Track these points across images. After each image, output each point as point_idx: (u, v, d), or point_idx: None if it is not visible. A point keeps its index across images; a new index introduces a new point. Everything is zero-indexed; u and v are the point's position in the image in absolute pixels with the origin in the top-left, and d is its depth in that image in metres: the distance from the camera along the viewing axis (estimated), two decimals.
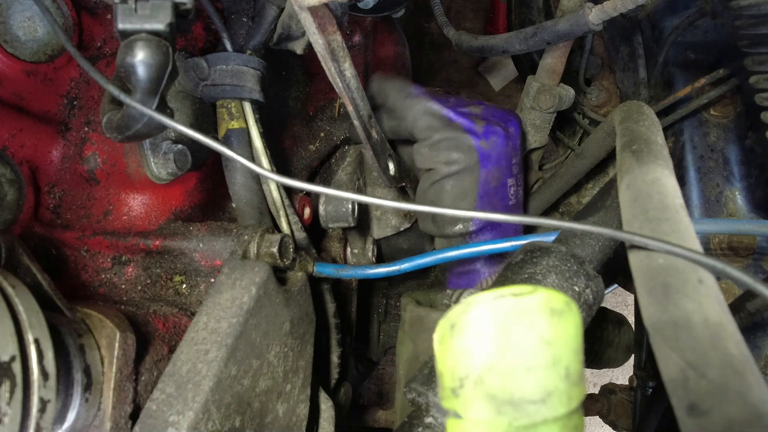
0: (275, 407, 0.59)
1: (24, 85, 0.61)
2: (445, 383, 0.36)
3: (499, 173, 0.82)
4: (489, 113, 0.85)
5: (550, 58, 0.95)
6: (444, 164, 0.80)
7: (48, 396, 0.40)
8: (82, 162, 0.65)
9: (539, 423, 0.33)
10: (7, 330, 0.38)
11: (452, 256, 0.67)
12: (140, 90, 0.47)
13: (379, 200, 0.49)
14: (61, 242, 0.64)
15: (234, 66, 0.70)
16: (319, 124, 0.99)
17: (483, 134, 0.80)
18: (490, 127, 0.81)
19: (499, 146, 0.82)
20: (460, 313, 0.35)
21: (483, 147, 0.80)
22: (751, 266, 0.97)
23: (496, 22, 2.00)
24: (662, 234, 0.41)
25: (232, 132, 0.72)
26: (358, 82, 0.63)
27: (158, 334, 0.57)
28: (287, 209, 0.77)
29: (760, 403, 0.31)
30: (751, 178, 0.99)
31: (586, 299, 0.54)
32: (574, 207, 1.22)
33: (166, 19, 0.47)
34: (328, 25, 0.54)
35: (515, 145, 0.85)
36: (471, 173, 0.80)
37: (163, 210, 0.70)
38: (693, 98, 0.98)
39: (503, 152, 0.82)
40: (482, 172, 0.80)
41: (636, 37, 1.08)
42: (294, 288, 0.63)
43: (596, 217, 0.64)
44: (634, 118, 0.59)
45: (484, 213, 0.46)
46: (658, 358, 0.35)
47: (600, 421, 1.36)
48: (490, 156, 0.81)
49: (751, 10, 0.69)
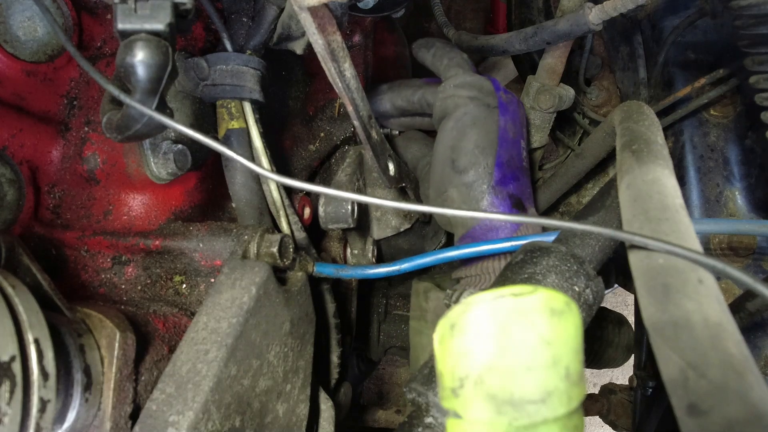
0: (275, 407, 0.59)
1: (24, 85, 0.61)
2: (445, 383, 0.36)
3: (514, 128, 0.84)
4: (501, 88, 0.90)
5: (550, 58, 0.95)
6: (468, 98, 0.82)
7: (48, 396, 0.40)
8: (82, 162, 0.65)
9: (539, 423, 0.33)
10: (7, 330, 0.38)
11: (452, 256, 0.67)
12: (140, 90, 0.47)
13: (379, 200, 0.49)
14: (61, 242, 0.64)
15: (234, 66, 0.70)
16: (319, 124, 0.99)
17: (503, 89, 0.85)
18: (507, 91, 0.86)
19: (514, 103, 0.86)
20: (460, 313, 0.35)
21: (502, 98, 0.83)
22: (751, 266, 0.97)
23: (496, 22, 2.00)
24: (662, 234, 0.41)
25: (232, 132, 0.72)
26: (358, 82, 0.63)
27: (158, 334, 0.57)
28: (287, 209, 0.77)
29: (760, 403, 0.31)
30: (751, 178, 0.99)
31: (586, 299, 0.54)
32: (574, 207, 1.22)
33: (165, 19, 0.47)
34: (328, 25, 0.54)
35: (524, 115, 0.89)
36: (491, 115, 0.81)
37: (163, 210, 0.70)
38: (693, 98, 0.98)
39: (517, 111, 0.86)
40: (501, 119, 0.82)
41: (636, 37, 1.08)
42: (294, 288, 0.63)
43: (596, 217, 0.64)
44: (634, 118, 0.59)
45: (484, 213, 0.46)
46: (658, 358, 0.35)
47: (600, 421, 1.36)
48: (508, 108, 0.83)
49: (751, 10, 0.69)
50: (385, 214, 0.96)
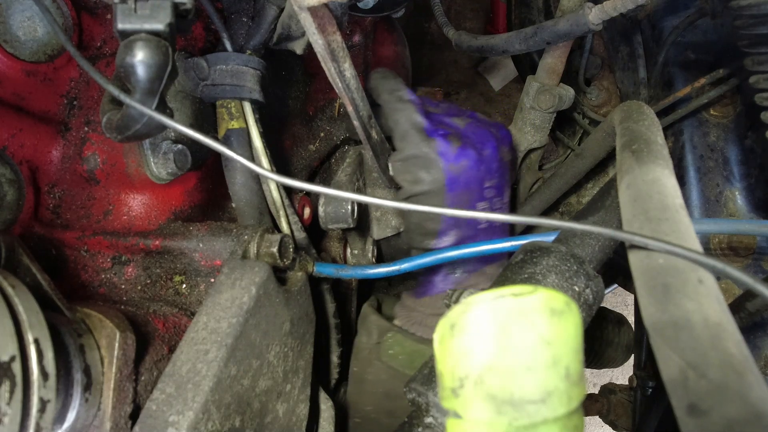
0: (275, 407, 0.59)
1: (24, 85, 0.61)
2: (445, 383, 0.36)
3: (468, 197, 0.81)
4: (471, 131, 0.83)
5: (550, 58, 0.95)
6: (411, 183, 0.79)
7: (48, 396, 0.40)
8: (82, 162, 0.65)
9: (539, 423, 0.33)
10: (7, 330, 0.38)
11: (452, 256, 0.67)
12: (140, 90, 0.47)
13: (379, 200, 0.49)
14: (61, 242, 0.64)
15: (234, 66, 0.70)
16: (319, 124, 0.99)
17: (454, 157, 0.78)
18: (464, 150, 0.79)
19: (468, 169, 0.79)
20: (460, 313, 0.35)
21: (452, 170, 0.78)
22: (751, 266, 0.97)
23: (496, 22, 2.00)
24: (662, 234, 0.41)
25: (232, 132, 0.72)
26: (358, 82, 0.63)
27: (158, 334, 0.57)
28: (287, 209, 0.77)
29: (760, 403, 0.31)
30: (751, 178, 0.99)
31: (586, 299, 0.54)
32: (574, 207, 1.22)
33: (165, 19, 0.47)
34: (327, 25, 0.54)
35: (489, 168, 0.82)
36: (437, 195, 0.79)
37: (163, 210, 0.70)
38: (693, 98, 0.98)
39: (473, 176, 0.80)
40: (449, 196, 0.79)
41: (636, 37, 1.08)
42: (294, 288, 0.63)
43: (596, 217, 0.64)
44: (634, 117, 0.59)
45: (483, 213, 0.46)
46: (658, 358, 0.35)
47: (600, 421, 1.36)
48: (458, 180, 0.79)
49: (751, 10, 0.69)
50: (385, 214, 0.95)
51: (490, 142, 0.83)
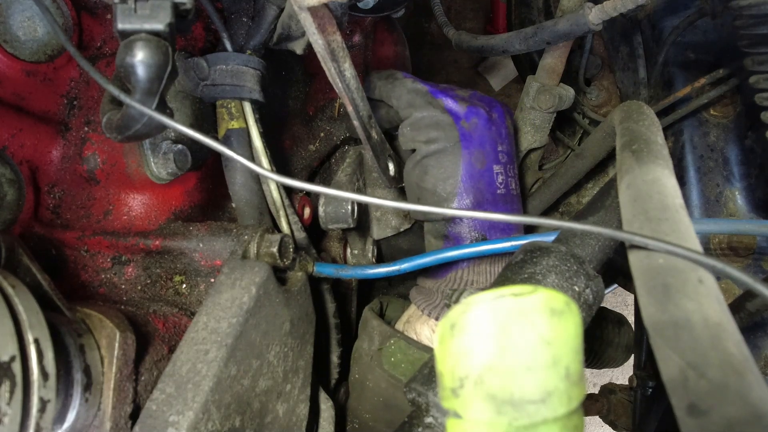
0: (275, 407, 0.59)
1: (24, 85, 0.61)
2: (445, 383, 0.36)
3: (483, 156, 0.79)
4: (476, 97, 0.83)
5: (550, 58, 0.95)
6: (424, 143, 0.78)
7: (48, 396, 0.40)
8: (82, 162, 0.65)
9: (539, 423, 0.33)
10: (7, 330, 0.38)
11: (452, 256, 0.67)
12: (140, 90, 0.47)
13: (379, 200, 0.49)
14: (61, 242, 0.64)
15: (234, 66, 0.70)
16: (319, 124, 0.99)
17: (465, 114, 0.78)
18: (473, 108, 0.79)
19: (480, 128, 0.79)
20: (460, 313, 0.35)
21: (464, 127, 0.77)
22: (751, 266, 0.97)
23: (496, 22, 2.00)
24: (662, 234, 0.41)
25: (232, 132, 0.72)
26: (358, 82, 0.63)
27: (158, 334, 0.57)
28: (287, 209, 0.77)
29: (760, 403, 0.31)
30: (751, 178, 0.99)
31: (586, 299, 0.54)
32: (574, 207, 1.22)
33: (165, 19, 0.47)
34: (327, 25, 0.54)
35: (499, 131, 0.81)
36: (453, 152, 0.77)
37: (163, 210, 0.70)
38: (693, 98, 0.98)
39: (486, 135, 0.79)
40: (465, 153, 0.77)
41: (636, 37, 1.08)
42: (294, 288, 0.63)
43: (596, 217, 0.64)
44: (634, 117, 0.59)
45: (483, 213, 0.46)
46: (658, 358, 0.35)
47: (600, 421, 1.36)
48: (472, 137, 0.78)
49: (751, 10, 0.69)
50: (385, 214, 0.95)
51: (497, 107, 0.83)
